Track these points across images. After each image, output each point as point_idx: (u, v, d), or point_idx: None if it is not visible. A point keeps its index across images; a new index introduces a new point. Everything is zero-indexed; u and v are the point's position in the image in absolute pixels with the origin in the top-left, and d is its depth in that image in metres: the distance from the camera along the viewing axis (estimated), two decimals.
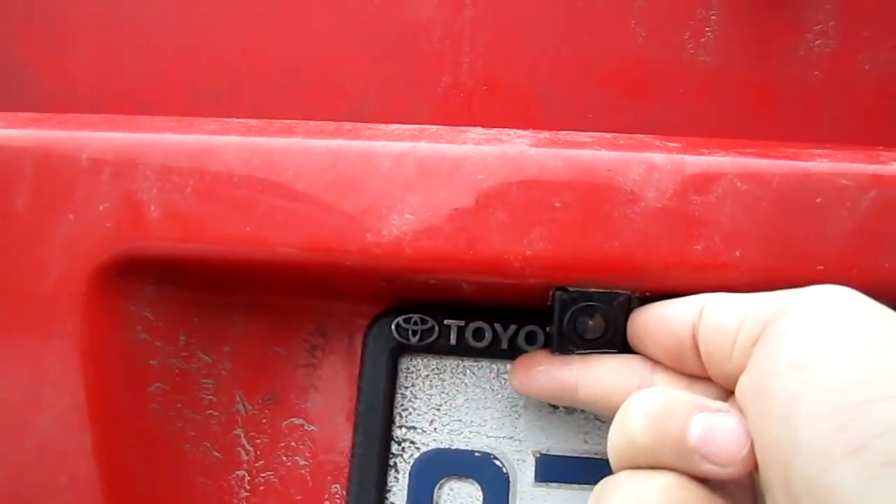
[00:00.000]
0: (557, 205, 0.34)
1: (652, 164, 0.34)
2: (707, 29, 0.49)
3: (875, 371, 0.25)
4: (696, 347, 0.31)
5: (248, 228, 0.35)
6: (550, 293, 0.34)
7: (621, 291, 0.34)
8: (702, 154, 0.34)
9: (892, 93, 0.48)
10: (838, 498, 0.24)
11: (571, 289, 0.34)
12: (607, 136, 0.38)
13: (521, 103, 0.49)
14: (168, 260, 0.36)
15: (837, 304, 0.28)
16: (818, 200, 0.33)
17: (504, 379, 0.39)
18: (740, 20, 0.49)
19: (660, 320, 0.32)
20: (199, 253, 0.36)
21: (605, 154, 0.34)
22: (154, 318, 0.38)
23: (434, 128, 0.39)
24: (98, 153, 0.37)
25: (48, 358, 0.36)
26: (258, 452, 0.39)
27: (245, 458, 0.39)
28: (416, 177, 0.35)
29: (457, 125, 0.47)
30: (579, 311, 0.34)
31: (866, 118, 0.48)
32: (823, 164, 0.34)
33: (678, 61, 0.49)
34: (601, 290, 0.34)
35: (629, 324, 0.34)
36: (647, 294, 0.34)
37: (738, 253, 0.33)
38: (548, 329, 0.36)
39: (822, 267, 0.32)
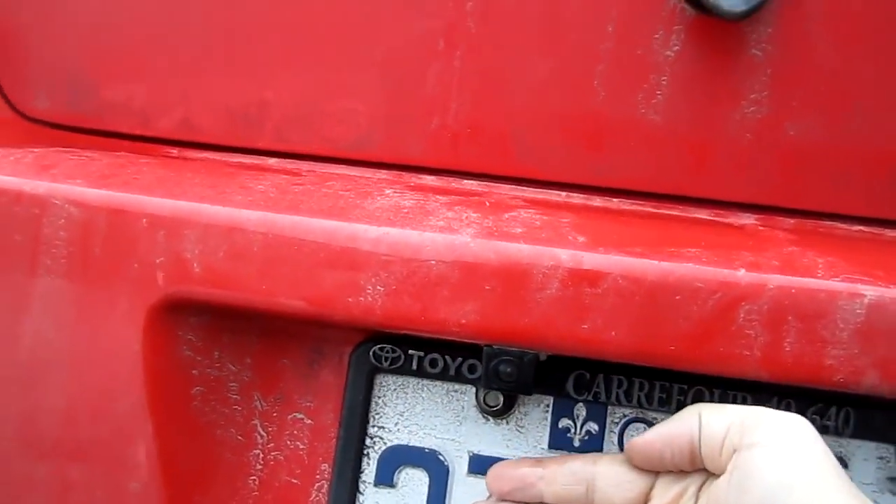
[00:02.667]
0: (487, 287, 0.46)
1: (558, 262, 0.46)
2: (658, 92, 0.55)
3: None
4: (694, 451, 0.42)
5: (264, 286, 0.48)
6: (481, 347, 0.47)
7: (529, 351, 0.47)
8: (598, 252, 0.46)
9: (810, 154, 0.55)
10: None
11: (495, 346, 0.47)
12: (538, 221, 0.49)
13: (499, 145, 0.57)
14: (206, 301, 0.49)
15: (793, 447, 0.39)
16: (677, 297, 0.45)
17: (451, 395, 0.52)
18: (686, 85, 0.55)
19: (664, 442, 0.43)
20: (228, 299, 0.49)
21: (525, 249, 0.46)
22: (195, 339, 0.51)
23: (410, 202, 0.51)
24: (155, 218, 0.50)
25: (120, 368, 0.50)
26: (269, 437, 0.53)
27: (260, 441, 0.53)
28: (386, 258, 0.47)
29: (444, 161, 0.58)
30: (499, 362, 0.47)
31: (787, 175, 0.56)
32: (687, 267, 0.45)
33: (631, 118, 0.55)
34: (515, 349, 0.47)
35: (627, 450, 0.45)
36: (549, 354, 0.47)
37: (613, 333, 0.45)
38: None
39: (673, 348, 0.45)
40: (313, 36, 0.58)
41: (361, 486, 0.52)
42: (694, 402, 0.49)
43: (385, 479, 0.52)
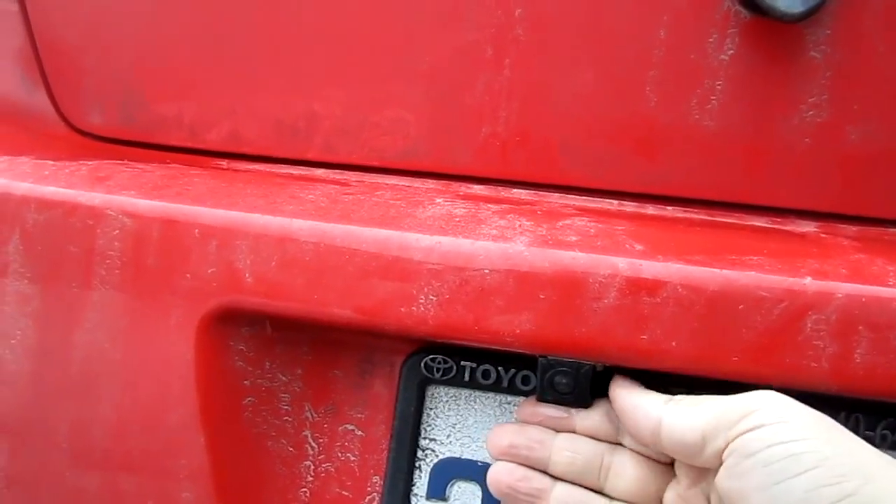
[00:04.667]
0: (542, 297, 0.45)
1: (616, 270, 0.45)
2: (712, 97, 0.54)
3: (822, 488, 0.36)
4: (658, 445, 0.42)
5: (316, 296, 0.48)
6: (536, 358, 0.46)
7: (586, 363, 0.45)
8: (657, 260, 0.45)
9: (873, 159, 0.53)
10: None
11: (550, 357, 0.46)
12: (592, 230, 0.48)
13: (550, 153, 0.56)
14: (257, 311, 0.49)
15: (781, 422, 0.38)
16: (740, 307, 0.44)
17: (504, 407, 0.51)
18: (742, 90, 0.54)
19: (626, 416, 0.44)
20: (279, 309, 0.49)
21: (581, 257, 0.45)
22: (247, 350, 0.51)
23: (461, 211, 0.51)
24: (207, 228, 0.50)
25: (172, 378, 0.50)
26: (320, 449, 0.53)
27: (311, 452, 0.53)
28: (439, 267, 0.46)
29: (493, 170, 0.57)
30: (555, 373, 0.46)
31: (849, 181, 0.54)
32: (750, 275, 0.44)
33: (685, 124, 0.54)
34: (571, 360, 0.46)
35: (610, 397, 0.45)
36: (606, 366, 0.46)
37: (674, 343, 0.44)
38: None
39: (736, 359, 0.43)
40: (360, 47, 0.58)
41: (413, 500, 0.51)
42: None
43: (437, 492, 0.51)
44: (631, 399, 0.44)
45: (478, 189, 0.57)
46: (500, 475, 0.47)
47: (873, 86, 0.53)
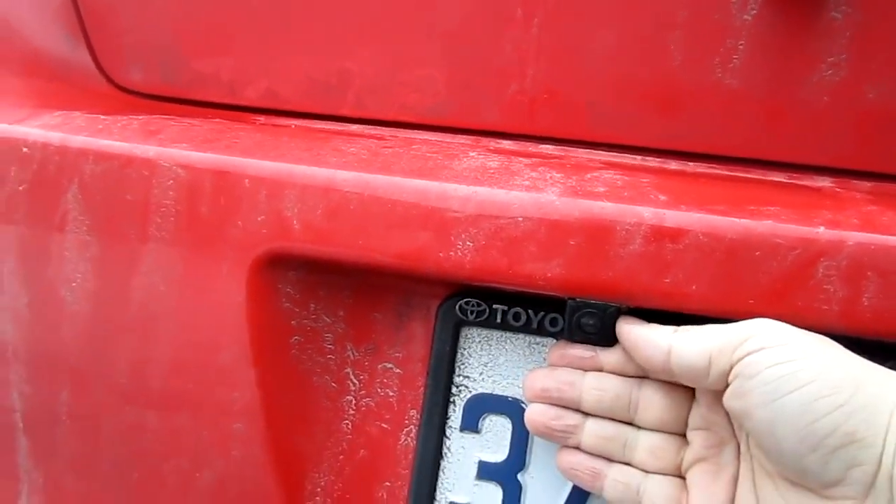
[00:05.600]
0: (572, 243, 0.49)
1: (641, 219, 0.48)
2: (734, 56, 0.56)
3: (817, 400, 0.40)
4: (669, 372, 0.46)
5: (359, 242, 0.51)
6: (565, 300, 0.50)
7: (612, 304, 0.49)
8: (680, 209, 0.48)
9: (889, 118, 0.55)
10: (808, 475, 0.41)
11: (578, 299, 0.49)
12: (619, 182, 0.51)
13: (574, 111, 0.58)
14: (304, 256, 0.53)
15: (780, 344, 0.43)
16: (757, 254, 0.47)
17: (533, 347, 0.55)
18: (763, 50, 0.56)
19: (637, 349, 0.47)
20: (325, 254, 0.52)
21: (608, 206, 0.49)
22: (294, 292, 0.55)
23: (495, 164, 0.54)
24: (257, 179, 0.53)
25: (225, 319, 0.54)
26: (361, 385, 0.57)
27: (353, 388, 0.57)
28: (475, 215, 0.50)
29: (521, 126, 0.60)
30: (582, 314, 0.49)
31: (865, 138, 0.56)
32: (766, 224, 0.47)
33: (707, 83, 0.56)
34: (598, 302, 0.49)
35: (618, 335, 0.49)
36: (632, 307, 0.49)
37: (694, 287, 0.47)
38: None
39: (752, 301, 0.47)
40: (391, 5, 0.60)
41: (448, 432, 0.55)
42: None
43: (470, 424, 0.55)
44: (640, 332, 0.48)
45: (507, 144, 0.60)
46: (536, 416, 0.51)
47: (891, 46, 0.55)
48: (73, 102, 0.65)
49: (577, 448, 0.50)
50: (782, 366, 0.42)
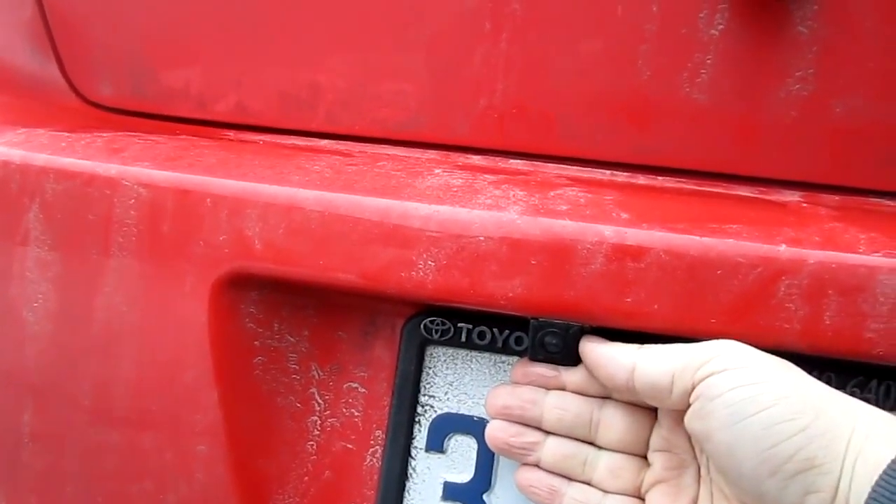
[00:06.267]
0: (533, 262, 0.48)
1: (602, 237, 0.48)
2: (702, 71, 0.55)
3: (778, 424, 0.40)
4: (632, 391, 0.46)
5: (321, 262, 0.51)
6: (528, 319, 0.50)
7: (574, 324, 0.48)
8: (641, 228, 0.48)
9: (857, 131, 0.55)
10: (767, 500, 0.41)
11: (541, 319, 0.49)
12: (582, 199, 0.51)
13: (545, 125, 0.58)
14: (267, 276, 0.52)
15: (742, 367, 0.42)
16: (718, 272, 0.46)
17: (499, 366, 0.54)
18: (731, 64, 0.55)
19: (600, 367, 0.47)
20: (287, 274, 0.52)
21: (570, 225, 0.48)
22: (257, 312, 0.54)
23: (459, 181, 0.53)
24: (219, 198, 0.53)
25: (187, 340, 0.53)
26: (326, 405, 0.56)
27: (317, 408, 0.56)
28: (437, 235, 0.49)
29: (491, 141, 0.60)
30: (545, 333, 0.49)
31: (832, 152, 0.56)
32: (728, 242, 0.47)
33: (676, 97, 0.56)
34: (560, 321, 0.49)
35: (581, 355, 0.49)
36: (594, 326, 0.49)
37: (656, 306, 0.47)
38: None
39: (714, 320, 0.46)
40: (362, 20, 0.59)
41: (413, 452, 0.55)
42: None
43: (436, 445, 0.54)
44: (604, 350, 0.47)
45: (476, 159, 0.59)
46: (496, 432, 0.51)
47: (858, 61, 0.55)
48: (40, 119, 0.64)
49: (537, 466, 0.50)
50: (744, 388, 0.41)
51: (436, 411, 0.55)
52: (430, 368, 0.55)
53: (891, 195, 0.56)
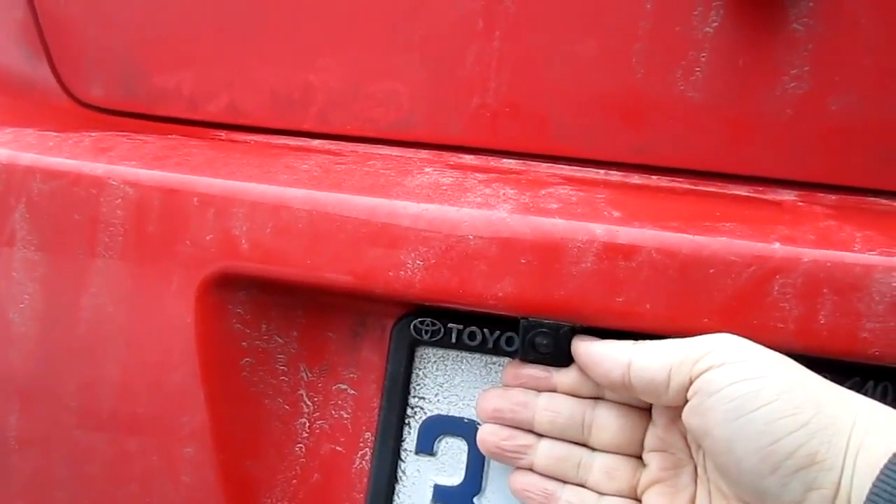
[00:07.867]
0: (523, 261, 0.47)
1: (593, 236, 0.47)
2: (697, 69, 0.55)
3: (780, 419, 0.39)
4: (628, 387, 0.45)
5: (309, 261, 0.50)
6: (518, 320, 0.49)
7: (565, 324, 0.48)
8: (633, 226, 0.47)
9: (853, 129, 0.54)
10: (767, 497, 0.40)
11: (531, 319, 0.48)
12: (573, 198, 0.50)
13: (538, 124, 0.58)
14: (254, 276, 0.52)
15: (742, 361, 0.42)
16: (711, 271, 0.46)
17: (489, 367, 0.54)
18: (726, 62, 0.55)
19: (595, 365, 0.46)
20: (275, 273, 0.51)
21: (560, 223, 0.47)
22: (244, 313, 0.54)
23: (448, 180, 0.53)
24: (206, 197, 0.52)
25: (174, 341, 0.52)
26: (315, 407, 0.56)
27: (306, 410, 0.55)
28: (426, 234, 0.49)
29: (483, 140, 0.59)
30: (536, 334, 0.48)
31: (828, 151, 0.55)
32: (721, 241, 0.46)
33: (670, 95, 0.55)
34: (551, 321, 0.48)
35: (574, 354, 0.48)
36: (585, 326, 0.48)
37: (648, 306, 0.46)
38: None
39: (707, 320, 0.45)
40: (354, 19, 0.59)
41: (403, 454, 0.54)
42: None
43: (425, 447, 0.53)
44: (598, 347, 0.46)
45: (468, 159, 0.59)
46: (487, 436, 0.50)
47: (853, 58, 0.54)
48: (30, 119, 0.64)
49: (531, 469, 0.49)
50: (745, 383, 0.41)
51: (426, 413, 0.54)
52: (419, 369, 0.54)
53: (886, 194, 0.55)
